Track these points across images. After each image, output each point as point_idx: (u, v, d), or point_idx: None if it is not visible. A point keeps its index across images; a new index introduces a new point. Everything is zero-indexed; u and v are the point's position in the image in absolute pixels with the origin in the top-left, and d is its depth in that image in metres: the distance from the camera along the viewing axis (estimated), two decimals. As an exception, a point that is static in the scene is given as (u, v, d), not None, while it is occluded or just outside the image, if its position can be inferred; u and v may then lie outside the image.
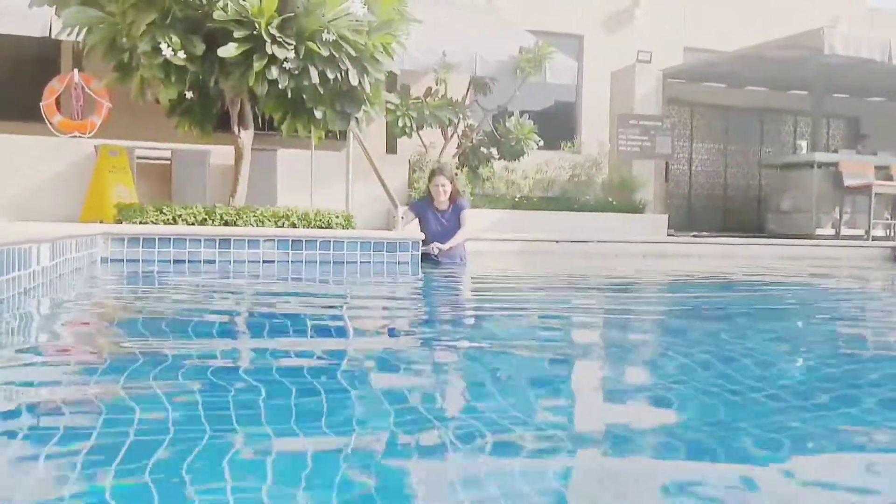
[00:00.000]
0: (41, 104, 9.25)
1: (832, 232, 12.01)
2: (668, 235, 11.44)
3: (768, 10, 15.50)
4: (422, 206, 6.71)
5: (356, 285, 4.82)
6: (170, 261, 5.62)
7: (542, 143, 11.21)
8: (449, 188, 6.46)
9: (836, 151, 13.23)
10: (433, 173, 6.65)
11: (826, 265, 8.39)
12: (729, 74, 13.46)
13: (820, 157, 12.14)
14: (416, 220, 6.75)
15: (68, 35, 6.41)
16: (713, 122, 14.92)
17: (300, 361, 2.07)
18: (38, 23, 8.48)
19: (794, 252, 10.14)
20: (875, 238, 11.67)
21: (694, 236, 11.61)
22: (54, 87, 9.41)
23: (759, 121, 15.27)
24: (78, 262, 4.53)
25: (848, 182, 11.70)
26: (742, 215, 14.81)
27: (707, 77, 13.95)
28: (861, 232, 11.89)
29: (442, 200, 6.51)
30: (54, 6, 6.17)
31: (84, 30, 5.99)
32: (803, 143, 12.91)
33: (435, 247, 6.39)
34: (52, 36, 8.57)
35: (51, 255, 3.62)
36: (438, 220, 6.53)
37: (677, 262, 8.12)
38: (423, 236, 6.32)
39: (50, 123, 9.28)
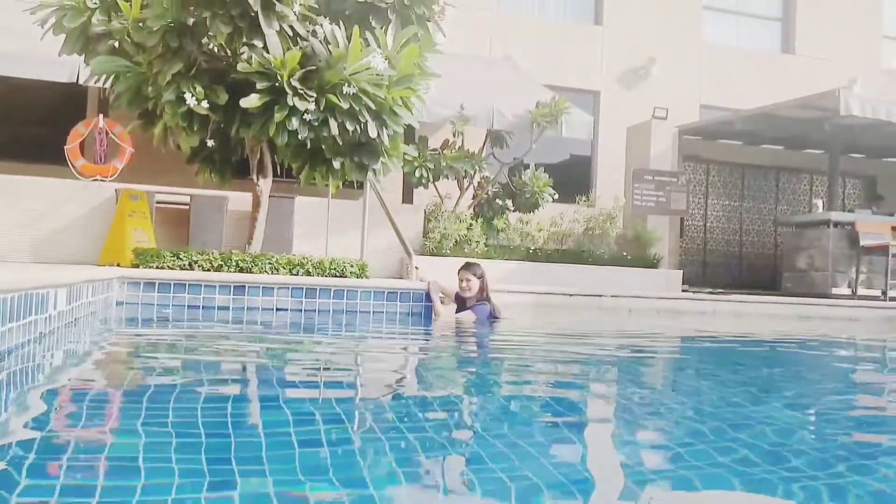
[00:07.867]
0: (65, 148, 9.44)
1: (848, 292, 11.89)
2: (683, 291, 11.37)
3: (785, 69, 15.66)
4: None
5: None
6: (184, 306, 5.66)
7: (556, 195, 11.26)
8: (473, 284, 6.27)
9: (851, 211, 13.20)
10: (461, 267, 6.50)
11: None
12: (745, 132, 13.53)
13: (836, 216, 12.11)
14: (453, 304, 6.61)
15: (95, 82, 6.58)
16: (729, 179, 14.95)
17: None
18: (66, 69, 8.71)
19: (810, 311, 10.04)
20: (892, 298, 11.54)
21: (710, 293, 11.54)
22: (79, 131, 9.61)
23: (774, 179, 15.29)
24: (94, 307, 4.57)
25: (864, 242, 11.65)
26: (757, 273, 14.73)
27: (723, 134, 14.02)
28: (878, 292, 11.78)
29: (468, 296, 6.33)
30: (83, 55, 6.34)
31: (111, 78, 6.14)
32: (819, 202, 12.90)
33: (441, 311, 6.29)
34: (80, 82, 8.80)
35: (67, 300, 3.65)
36: (460, 306, 6.42)
37: (715, 321, 8.02)
38: (426, 286, 6.33)
39: (73, 167, 9.45)
